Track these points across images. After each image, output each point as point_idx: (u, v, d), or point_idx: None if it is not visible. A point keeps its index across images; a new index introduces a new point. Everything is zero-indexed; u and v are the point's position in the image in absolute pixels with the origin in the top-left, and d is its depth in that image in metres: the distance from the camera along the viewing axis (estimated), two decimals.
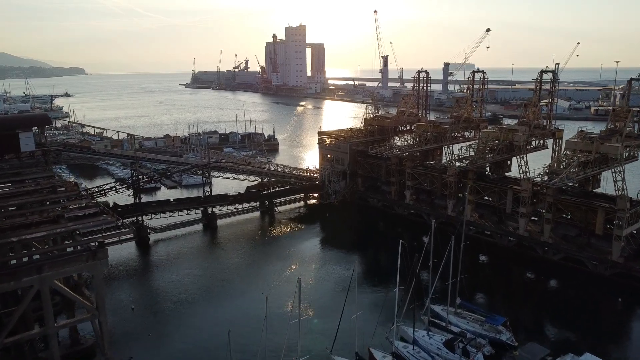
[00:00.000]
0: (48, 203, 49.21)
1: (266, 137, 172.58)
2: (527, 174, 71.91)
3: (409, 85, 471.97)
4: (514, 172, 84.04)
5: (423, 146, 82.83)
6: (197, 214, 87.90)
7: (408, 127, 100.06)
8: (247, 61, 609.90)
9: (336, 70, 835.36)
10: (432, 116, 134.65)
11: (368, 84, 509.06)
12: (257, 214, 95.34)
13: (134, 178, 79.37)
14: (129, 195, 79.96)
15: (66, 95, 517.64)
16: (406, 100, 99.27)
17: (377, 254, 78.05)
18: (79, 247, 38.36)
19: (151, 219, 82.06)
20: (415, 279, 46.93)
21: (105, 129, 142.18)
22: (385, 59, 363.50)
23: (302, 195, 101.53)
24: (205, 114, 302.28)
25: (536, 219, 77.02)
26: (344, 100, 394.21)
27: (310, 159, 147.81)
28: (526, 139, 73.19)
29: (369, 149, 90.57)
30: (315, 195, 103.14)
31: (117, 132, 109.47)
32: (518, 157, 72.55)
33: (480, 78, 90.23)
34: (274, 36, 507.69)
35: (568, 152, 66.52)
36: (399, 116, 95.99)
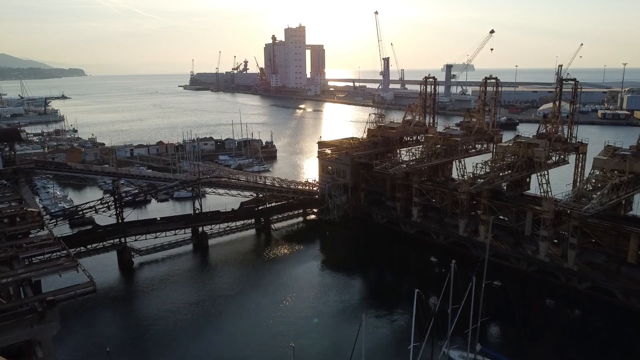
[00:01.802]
0: (4, 239, 42.41)
1: (264, 143, 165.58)
2: (549, 193, 65.04)
3: (409, 87, 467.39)
4: (533, 188, 77.29)
5: (432, 161, 75.83)
6: (187, 233, 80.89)
7: (415, 138, 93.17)
8: (246, 62, 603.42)
9: (336, 71, 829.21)
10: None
11: (369, 85, 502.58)
12: (251, 231, 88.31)
13: (116, 196, 72.37)
14: (110, 216, 72.95)
15: (63, 97, 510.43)
16: (412, 108, 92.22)
17: (384, 285, 70.11)
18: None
19: (135, 240, 75.07)
20: (431, 327, 40.09)
21: (77, 140, 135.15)
22: (386, 61, 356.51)
23: (301, 210, 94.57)
24: (203, 118, 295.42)
25: (557, 241, 70.23)
26: (344, 102, 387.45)
27: (309, 168, 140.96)
28: (548, 154, 66.22)
29: (372, 162, 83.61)
30: (315, 210, 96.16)
31: (97, 146, 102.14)
32: (539, 174, 65.61)
33: (494, 86, 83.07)
34: (273, 37, 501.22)
35: (597, 171, 59.56)
36: (404, 126, 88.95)
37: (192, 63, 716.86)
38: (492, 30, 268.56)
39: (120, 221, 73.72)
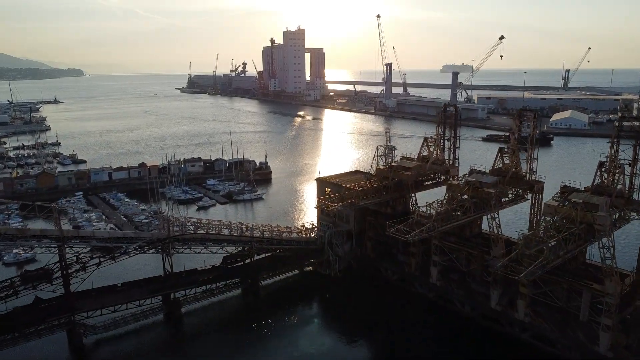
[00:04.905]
0: None
1: (257, 164, 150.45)
2: (615, 269, 50.10)
3: (411, 91, 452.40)
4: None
5: (458, 218, 60.73)
6: (155, 303, 65.83)
7: (433, 178, 78.20)
8: (244, 65, 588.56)
9: (336, 72, 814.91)
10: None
11: (370, 89, 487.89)
12: (236, 292, 73.18)
13: (63, 264, 57.38)
14: (54, 289, 57.61)
15: (55, 102, 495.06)
16: (430, 141, 77.10)
17: None
18: None
19: (88, 317, 60.11)
20: None
21: (56, 157, 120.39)
22: (388, 66, 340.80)
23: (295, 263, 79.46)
24: (196, 127, 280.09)
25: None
26: (345, 109, 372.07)
27: (308, 195, 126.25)
28: (612, 221, 51.22)
29: (382, 210, 68.56)
30: (313, 260, 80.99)
31: (78, 163, 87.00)
32: (600, 245, 50.61)
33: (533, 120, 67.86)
34: (272, 40, 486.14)
35: None
36: (421, 166, 73.74)
37: (190, 65, 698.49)
38: (502, 36, 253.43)
39: (68, 292, 58.77)
